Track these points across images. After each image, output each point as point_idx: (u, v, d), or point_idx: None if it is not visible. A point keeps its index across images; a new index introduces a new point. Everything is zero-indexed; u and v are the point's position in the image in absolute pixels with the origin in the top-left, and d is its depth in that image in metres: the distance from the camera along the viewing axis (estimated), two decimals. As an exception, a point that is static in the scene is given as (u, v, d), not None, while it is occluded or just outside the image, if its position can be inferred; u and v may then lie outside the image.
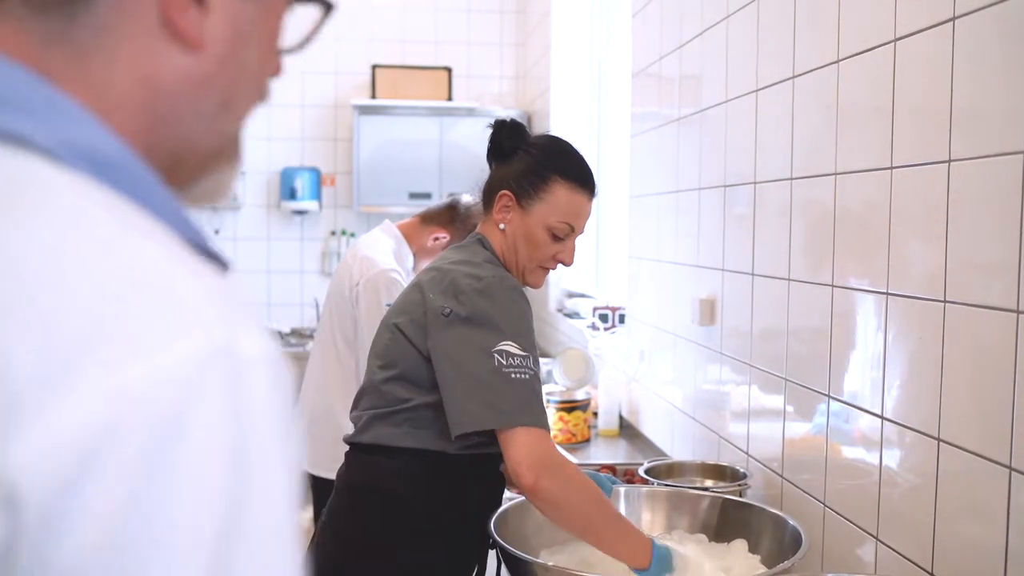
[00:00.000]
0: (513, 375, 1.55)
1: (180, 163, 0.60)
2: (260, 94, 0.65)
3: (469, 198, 2.91)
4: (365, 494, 1.70)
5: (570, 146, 1.83)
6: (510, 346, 1.57)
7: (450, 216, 2.93)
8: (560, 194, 1.74)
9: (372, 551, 1.66)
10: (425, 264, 2.80)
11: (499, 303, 1.61)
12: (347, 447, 1.78)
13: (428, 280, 1.70)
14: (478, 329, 1.58)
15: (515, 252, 1.77)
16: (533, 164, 1.76)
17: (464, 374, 1.57)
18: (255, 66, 0.62)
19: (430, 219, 2.95)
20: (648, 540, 1.58)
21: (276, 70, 0.65)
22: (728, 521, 1.79)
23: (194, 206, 0.64)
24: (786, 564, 1.51)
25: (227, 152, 0.64)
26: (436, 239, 2.91)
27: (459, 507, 1.68)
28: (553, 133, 1.90)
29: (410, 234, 2.92)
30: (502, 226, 1.77)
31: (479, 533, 1.66)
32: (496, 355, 1.56)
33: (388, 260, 2.80)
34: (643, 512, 1.87)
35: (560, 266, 1.81)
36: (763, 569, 1.63)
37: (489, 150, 1.82)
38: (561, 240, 1.76)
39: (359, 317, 2.74)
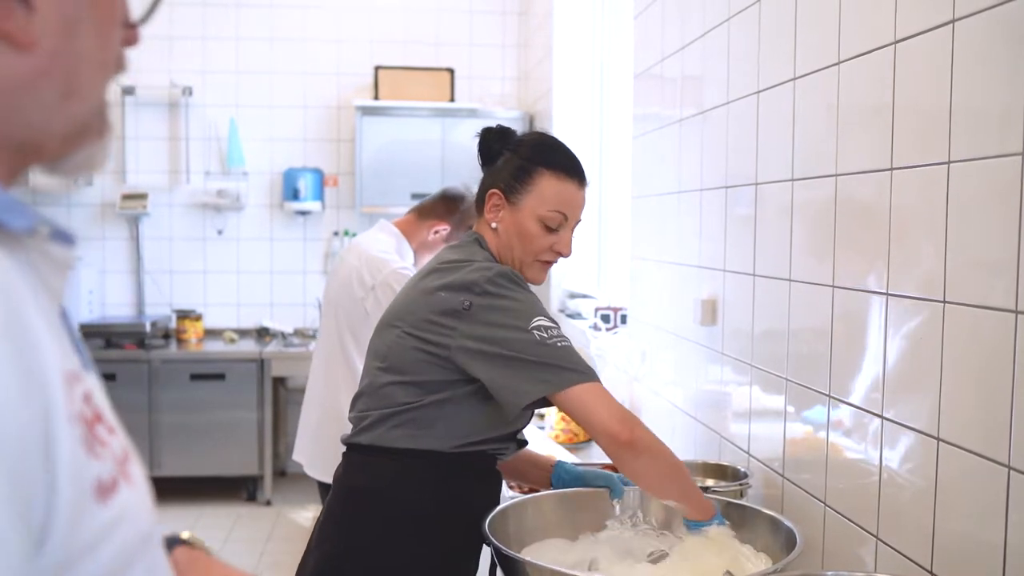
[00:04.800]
0: (559, 343, 1.62)
1: (38, 148, 0.63)
2: (111, 69, 0.67)
3: (458, 186, 2.92)
4: (364, 495, 1.70)
5: (554, 139, 1.86)
6: (542, 320, 1.63)
7: (445, 206, 2.92)
8: (547, 184, 1.76)
9: (371, 551, 1.67)
10: (427, 259, 2.81)
11: (512, 290, 1.66)
12: (344, 448, 1.79)
13: (433, 280, 1.70)
14: (506, 312, 1.63)
15: (511, 249, 1.78)
16: (518, 160, 1.78)
17: (511, 355, 1.61)
18: (95, 48, 0.64)
19: (426, 213, 2.94)
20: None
21: (129, 40, 0.68)
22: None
23: (72, 177, 0.68)
24: (779, 564, 1.53)
25: (91, 127, 0.66)
26: (436, 232, 2.89)
27: (457, 506, 1.69)
28: (557, 134, 1.91)
29: (408, 231, 2.91)
30: (494, 225, 1.78)
31: (477, 531, 1.67)
32: (535, 331, 1.61)
33: (396, 258, 2.79)
34: (641, 511, 1.88)
35: (561, 259, 1.82)
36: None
37: (479, 156, 1.84)
38: (555, 231, 1.78)
39: (374, 318, 2.70)
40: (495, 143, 1.82)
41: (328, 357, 2.85)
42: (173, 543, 0.81)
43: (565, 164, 1.79)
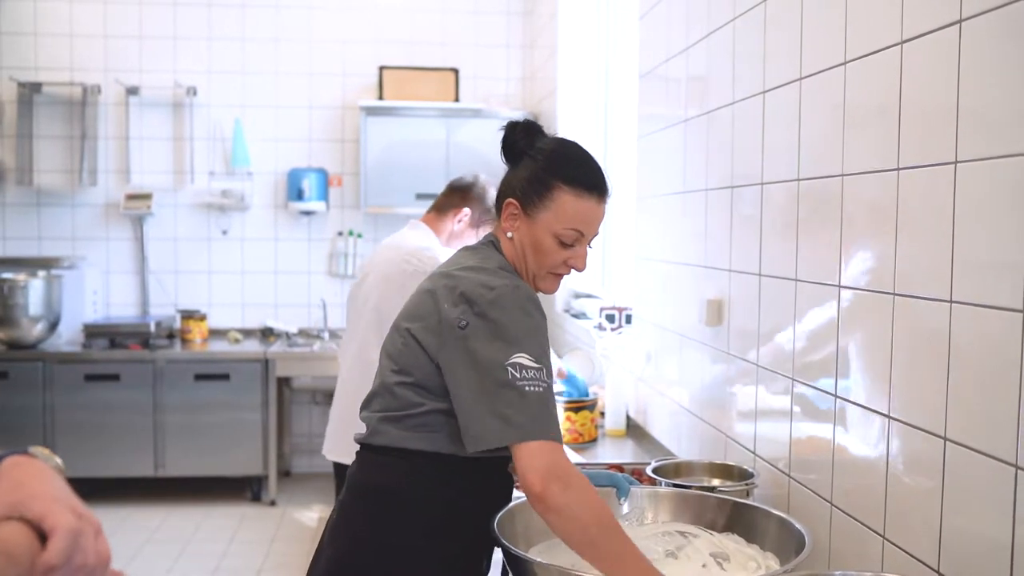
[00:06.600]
0: (527, 388, 1.54)
1: None
2: None
3: (463, 175, 3.07)
4: (378, 495, 1.71)
5: (577, 150, 1.78)
6: (523, 358, 1.56)
7: (460, 195, 3.05)
8: (565, 201, 1.70)
9: (385, 551, 1.67)
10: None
11: (512, 314, 1.60)
12: (358, 447, 1.79)
13: (441, 288, 1.68)
14: (491, 342, 1.58)
15: (524, 260, 1.75)
16: (537, 171, 1.72)
17: (479, 389, 1.56)
18: None
19: (443, 207, 3.06)
20: (657, 572, 1.48)
21: None
22: (733, 522, 1.80)
23: None
24: (789, 566, 1.53)
25: None
26: (460, 220, 3.02)
27: (471, 508, 1.69)
28: (563, 135, 1.87)
29: (435, 227, 3.03)
30: (510, 234, 1.77)
31: (489, 532, 1.67)
32: (510, 368, 1.55)
33: (425, 244, 2.91)
34: (647, 512, 1.88)
35: (574, 271, 1.80)
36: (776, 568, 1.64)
37: (502, 151, 1.81)
38: (570, 246, 1.73)
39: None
40: (520, 140, 1.76)
41: (361, 348, 2.90)
42: (14, 453, 0.83)
43: (584, 180, 1.71)
